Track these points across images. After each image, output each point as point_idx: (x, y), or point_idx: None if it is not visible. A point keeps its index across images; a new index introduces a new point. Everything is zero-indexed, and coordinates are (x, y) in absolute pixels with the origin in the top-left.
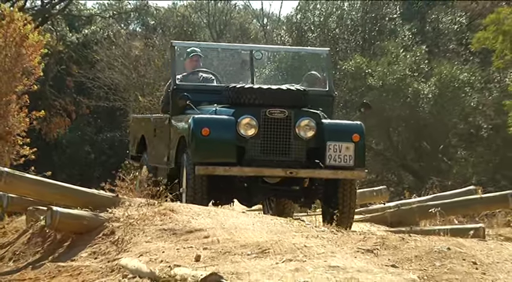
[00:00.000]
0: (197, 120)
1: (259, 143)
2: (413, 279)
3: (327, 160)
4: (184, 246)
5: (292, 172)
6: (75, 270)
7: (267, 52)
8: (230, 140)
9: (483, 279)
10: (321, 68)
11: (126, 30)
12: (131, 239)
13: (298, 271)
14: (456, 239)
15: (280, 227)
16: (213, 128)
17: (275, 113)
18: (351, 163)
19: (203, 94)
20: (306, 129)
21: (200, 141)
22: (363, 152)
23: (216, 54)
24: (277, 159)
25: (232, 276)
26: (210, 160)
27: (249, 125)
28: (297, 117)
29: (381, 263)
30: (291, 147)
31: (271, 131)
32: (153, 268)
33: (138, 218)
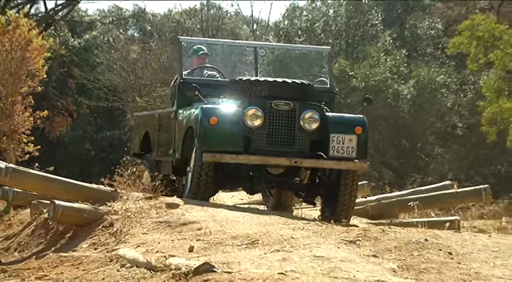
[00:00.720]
0: (205, 109)
1: (264, 134)
2: (393, 269)
3: (330, 151)
4: (179, 237)
5: (296, 161)
6: (76, 260)
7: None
8: (237, 129)
9: (458, 268)
10: (321, 65)
11: (125, 35)
12: (129, 230)
13: (285, 261)
14: (433, 230)
15: (269, 220)
16: (220, 118)
17: (280, 105)
18: (353, 155)
19: (209, 88)
20: (310, 121)
21: (208, 130)
22: (365, 145)
23: (222, 50)
24: (282, 150)
25: (223, 265)
26: (217, 148)
27: (255, 115)
28: (302, 110)
29: (363, 253)
30: (295, 138)
31: (277, 122)
32: (149, 258)
33: (135, 211)
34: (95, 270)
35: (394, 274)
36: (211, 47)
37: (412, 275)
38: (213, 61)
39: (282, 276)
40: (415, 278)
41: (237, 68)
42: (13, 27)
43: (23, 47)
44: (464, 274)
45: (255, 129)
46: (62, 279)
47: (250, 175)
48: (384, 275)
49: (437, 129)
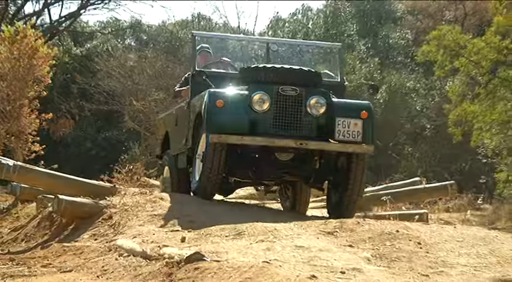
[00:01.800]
0: (212, 93)
1: (271, 118)
2: (367, 257)
3: (336, 135)
4: (172, 229)
5: (302, 143)
6: (78, 249)
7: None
8: (243, 113)
9: (426, 256)
10: (332, 61)
11: (122, 45)
12: (126, 223)
13: (269, 250)
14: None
15: (254, 213)
16: (227, 101)
17: (287, 91)
18: (359, 139)
19: (221, 80)
20: (317, 106)
21: (214, 112)
22: (371, 129)
23: (234, 45)
24: (288, 134)
25: (213, 254)
26: (223, 130)
27: (261, 99)
28: (308, 95)
29: (340, 243)
30: (301, 123)
31: (283, 107)
32: (145, 248)
33: (132, 205)
34: (95, 258)
35: (369, 262)
36: (224, 41)
37: (385, 263)
38: (226, 55)
39: (266, 264)
40: (387, 265)
41: (249, 63)
42: (21, 37)
43: (30, 55)
44: (432, 262)
45: (262, 114)
46: (65, 267)
47: (258, 161)
48: (359, 263)
49: (407, 130)
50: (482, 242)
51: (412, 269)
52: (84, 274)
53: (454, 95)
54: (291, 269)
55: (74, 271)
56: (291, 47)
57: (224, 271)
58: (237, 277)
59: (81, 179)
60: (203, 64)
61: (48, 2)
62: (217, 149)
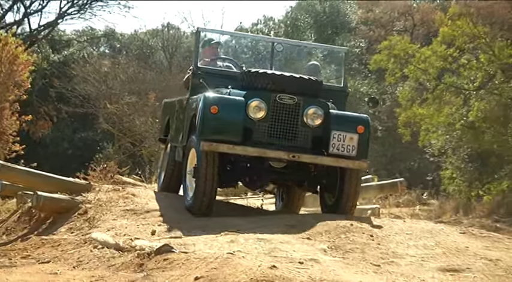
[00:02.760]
0: (207, 98)
1: (266, 127)
2: (323, 249)
3: (330, 148)
4: (143, 223)
5: (294, 156)
6: (55, 242)
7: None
8: (237, 120)
9: (378, 248)
10: (337, 65)
11: (97, 52)
12: (100, 217)
13: (233, 242)
14: (357, 217)
15: (221, 208)
16: (222, 107)
17: (285, 99)
18: (353, 153)
19: (222, 79)
20: (314, 117)
21: (208, 119)
22: (366, 144)
23: (239, 43)
24: (283, 144)
25: (181, 246)
26: (216, 137)
27: (258, 107)
28: (306, 105)
29: (299, 236)
30: (297, 133)
31: (280, 116)
32: (118, 240)
33: (106, 200)
34: (71, 250)
35: (325, 253)
36: (228, 38)
37: (340, 254)
38: (229, 53)
39: (230, 256)
40: (342, 256)
41: (253, 61)
42: (2, 45)
43: (11, 62)
44: (383, 253)
45: (257, 122)
46: (43, 258)
47: (251, 169)
48: (316, 254)
49: None
50: (429, 234)
51: (365, 260)
52: (61, 265)
53: (404, 100)
54: (253, 260)
55: (51, 262)
56: (296, 48)
57: (191, 262)
58: (203, 267)
59: (58, 176)
60: (210, 57)
61: (28, 12)
62: (210, 159)
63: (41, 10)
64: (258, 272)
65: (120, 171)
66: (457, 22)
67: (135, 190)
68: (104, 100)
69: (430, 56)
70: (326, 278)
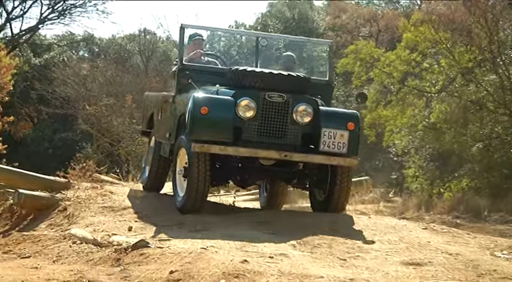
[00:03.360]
0: (197, 98)
1: (256, 125)
2: (293, 244)
3: (321, 146)
4: (120, 219)
5: (286, 155)
6: (36, 238)
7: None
8: (228, 119)
9: (344, 243)
10: (323, 58)
11: (77, 56)
12: (79, 214)
13: (206, 238)
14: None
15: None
16: (211, 107)
17: (274, 97)
18: (344, 150)
19: (208, 75)
20: (303, 114)
21: (198, 119)
22: (356, 141)
23: (223, 38)
24: (273, 142)
25: (156, 242)
26: (206, 138)
27: (247, 106)
28: (295, 103)
29: (268, 232)
30: (287, 131)
31: (269, 114)
32: (96, 236)
33: (84, 198)
34: (51, 246)
35: (294, 248)
36: (213, 34)
37: (308, 249)
38: (214, 48)
39: (203, 250)
40: (310, 251)
41: (237, 56)
42: None
43: None
44: (349, 248)
45: (247, 121)
46: (24, 253)
47: (241, 168)
48: (286, 249)
49: None
50: (393, 230)
51: (332, 254)
52: (41, 260)
53: (369, 102)
54: (225, 255)
55: (32, 257)
56: (281, 42)
57: (166, 256)
58: (178, 262)
59: (39, 175)
60: (192, 51)
61: (9, 18)
62: (201, 159)
63: (22, 15)
64: (230, 266)
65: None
66: (420, 28)
67: (113, 188)
68: (83, 102)
69: (394, 60)
70: (295, 271)
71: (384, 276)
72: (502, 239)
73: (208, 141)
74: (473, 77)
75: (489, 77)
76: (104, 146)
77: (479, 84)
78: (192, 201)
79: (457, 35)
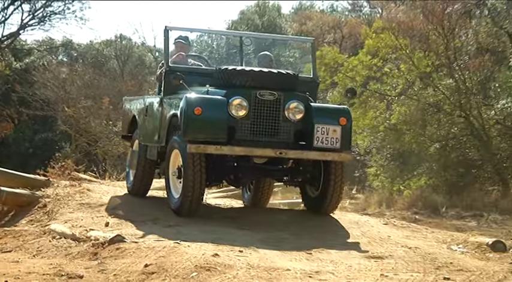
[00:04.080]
0: (190, 99)
1: (249, 124)
2: (261, 239)
3: (314, 142)
4: (97, 215)
5: (281, 152)
6: (17, 233)
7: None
8: (222, 119)
9: (310, 237)
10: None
11: (56, 60)
12: (58, 210)
13: (179, 233)
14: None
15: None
16: (205, 108)
17: (265, 95)
18: (337, 146)
19: (195, 76)
20: (295, 111)
21: (192, 120)
22: (349, 135)
23: (208, 39)
24: (266, 140)
25: (132, 237)
26: (201, 138)
27: (240, 105)
28: (287, 100)
29: (241, 227)
30: (279, 128)
31: (261, 112)
32: (74, 231)
33: (63, 195)
34: (31, 241)
35: (262, 243)
36: (196, 35)
37: (274, 242)
38: (199, 49)
39: (176, 245)
40: (277, 245)
41: (222, 56)
42: None
43: None
44: (314, 242)
45: (240, 119)
46: (5, 248)
47: (235, 167)
48: (255, 243)
49: None
50: (356, 225)
51: (299, 248)
52: (22, 254)
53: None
54: (197, 249)
55: (13, 251)
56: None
57: (141, 250)
58: (152, 255)
59: (20, 173)
60: (179, 53)
61: None
62: (196, 160)
63: (4, 21)
64: (202, 260)
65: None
66: (381, 35)
67: (91, 185)
68: (62, 104)
69: (356, 65)
70: (263, 264)
71: (347, 268)
72: (457, 234)
73: (203, 142)
74: (431, 81)
75: (446, 81)
76: (82, 146)
77: (437, 88)
78: (188, 203)
79: (416, 41)
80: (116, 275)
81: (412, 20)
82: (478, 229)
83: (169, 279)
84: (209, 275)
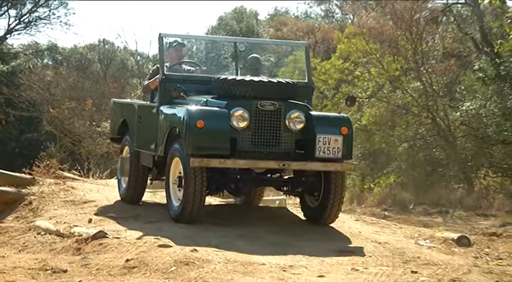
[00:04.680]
0: (191, 112)
1: (250, 135)
2: (238, 234)
3: (317, 152)
4: (81, 212)
5: (284, 164)
6: (3, 229)
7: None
8: (225, 131)
9: (285, 233)
10: (299, 60)
11: (41, 63)
12: (43, 207)
13: (159, 229)
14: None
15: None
16: (207, 120)
17: (266, 105)
18: (339, 155)
19: (190, 84)
20: (296, 121)
21: (195, 134)
22: (351, 145)
23: (202, 45)
24: (268, 151)
25: (114, 232)
26: (204, 152)
27: (241, 117)
28: (287, 110)
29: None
30: (280, 139)
31: (262, 123)
32: (59, 227)
33: (48, 192)
34: (18, 236)
35: (239, 238)
36: (191, 41)
37: (251, 239)
38: (193, 55)
39: (156, 240)
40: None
41: (216, 62)
42: None
43: None
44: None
45: (241, 131)
46: None
47: (236, 178)
48: (232, 240)
49: None
50: None
51: (273, 244)
52: (8, 249)
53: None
54: (177, 244)
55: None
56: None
57: (123, 246)
58: (133, 250)
59: (6, 172)
60: (176, 60)
61: None
62: (198, 171)
63: None
64: (181, 255)
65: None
66: (352, 40)
67: (74, 184)
68: (47, 105)
69: (329, 68)
70: (240, 259)
71: (319, 263)
72: (425, 229)
73: (206, 155)
74: (400, 84)
75: (414, 84)
76: (67, 146)
77: (405, 90)
78: (188, 212)
79: (386, 46)
80: (99, 269)
81: (381, 26)
82: (444, 225)
83: (150, 273)
84: (188, 269)
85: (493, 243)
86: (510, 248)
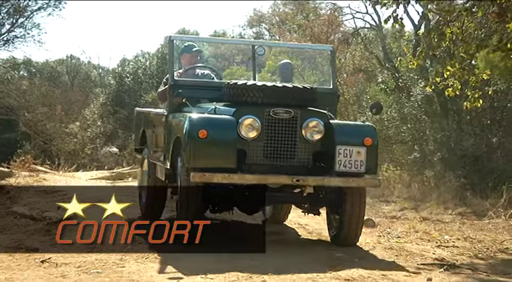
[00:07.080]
0: (193, 120)
1: (261, 146)
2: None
3: (337, 166)
4: (51, 200)
5: (299, 180)
6: None
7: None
8: (230, 143)
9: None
10: (324, 64)
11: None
12: (19, 195)
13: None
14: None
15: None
16: (211, 130)
17: (280, 113)
18: (362, 169)
19: (203, 91)
20: (314, 131)
21: (196, 145)
22: (375, 157)
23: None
24: (281, 164)
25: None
26: (207, 166)
27: (251, 126)
28: (304, 118)
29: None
30: (296, 150)
31: (275, 132)
32: (32, 212)
33: (24, 183)
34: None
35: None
36: (203, 45)
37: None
38: (207, 60)
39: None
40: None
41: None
42: None
43: None
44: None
45: (251, 141)
46: None
47: (246, 194)
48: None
49: None
50: None
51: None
52: None
53: None
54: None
55: None
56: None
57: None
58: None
59: None
60: (188, 65)
61: None
62: (193, 191)
63: None
64: None
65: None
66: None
67: (46, 176)
68: (23, 110)
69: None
70: None
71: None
72: None
73: (209, 170)
74: None
75: None
76: (40, 144)
77: None
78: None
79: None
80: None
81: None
82: None
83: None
84: None
85: (393, 225)
86: (407, 228)
